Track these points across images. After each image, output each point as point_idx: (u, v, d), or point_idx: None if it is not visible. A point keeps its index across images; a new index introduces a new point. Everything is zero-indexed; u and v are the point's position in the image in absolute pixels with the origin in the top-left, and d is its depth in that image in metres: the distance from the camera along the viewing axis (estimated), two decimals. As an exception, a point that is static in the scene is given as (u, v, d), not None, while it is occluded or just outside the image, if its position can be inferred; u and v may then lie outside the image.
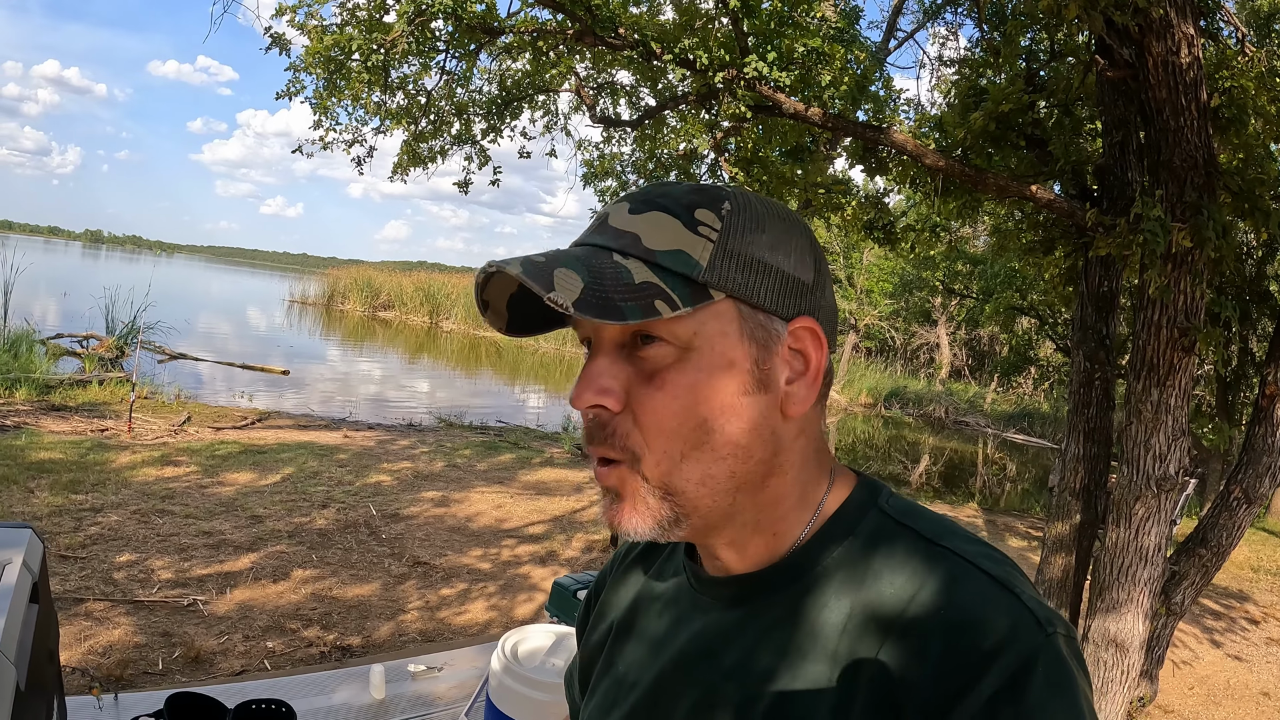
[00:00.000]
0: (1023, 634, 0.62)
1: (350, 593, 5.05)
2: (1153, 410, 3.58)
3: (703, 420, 0.69)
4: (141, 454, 7.55)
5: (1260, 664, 6.36)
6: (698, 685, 0.75)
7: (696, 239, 0.70)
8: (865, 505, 0.76)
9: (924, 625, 0.64)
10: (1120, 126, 4.15)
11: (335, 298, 35.77)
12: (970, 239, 15.36)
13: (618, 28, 4.07)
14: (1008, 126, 4.13)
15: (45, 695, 1.59)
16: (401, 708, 2.26)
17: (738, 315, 0.71)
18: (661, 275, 0.68)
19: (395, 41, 4.36)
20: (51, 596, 1.76)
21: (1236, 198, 3.45)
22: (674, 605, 0.84)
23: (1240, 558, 9.58)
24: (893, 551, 0.71)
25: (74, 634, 4.00)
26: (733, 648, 0.75)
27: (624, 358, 0.71)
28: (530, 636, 1.91)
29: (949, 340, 28.88)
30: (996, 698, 0.60)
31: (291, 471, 7.67)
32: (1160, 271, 3.22)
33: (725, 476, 0.71)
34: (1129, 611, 3.81)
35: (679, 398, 0.69)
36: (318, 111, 5.00)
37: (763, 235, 0.72)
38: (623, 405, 0.70)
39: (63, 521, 5.48)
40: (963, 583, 0.66)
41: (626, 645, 0.87)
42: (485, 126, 5.69)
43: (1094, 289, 4.28)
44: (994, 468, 17.15)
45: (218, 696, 2.06)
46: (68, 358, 12.94)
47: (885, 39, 9.36)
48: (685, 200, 0.72)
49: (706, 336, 0.70)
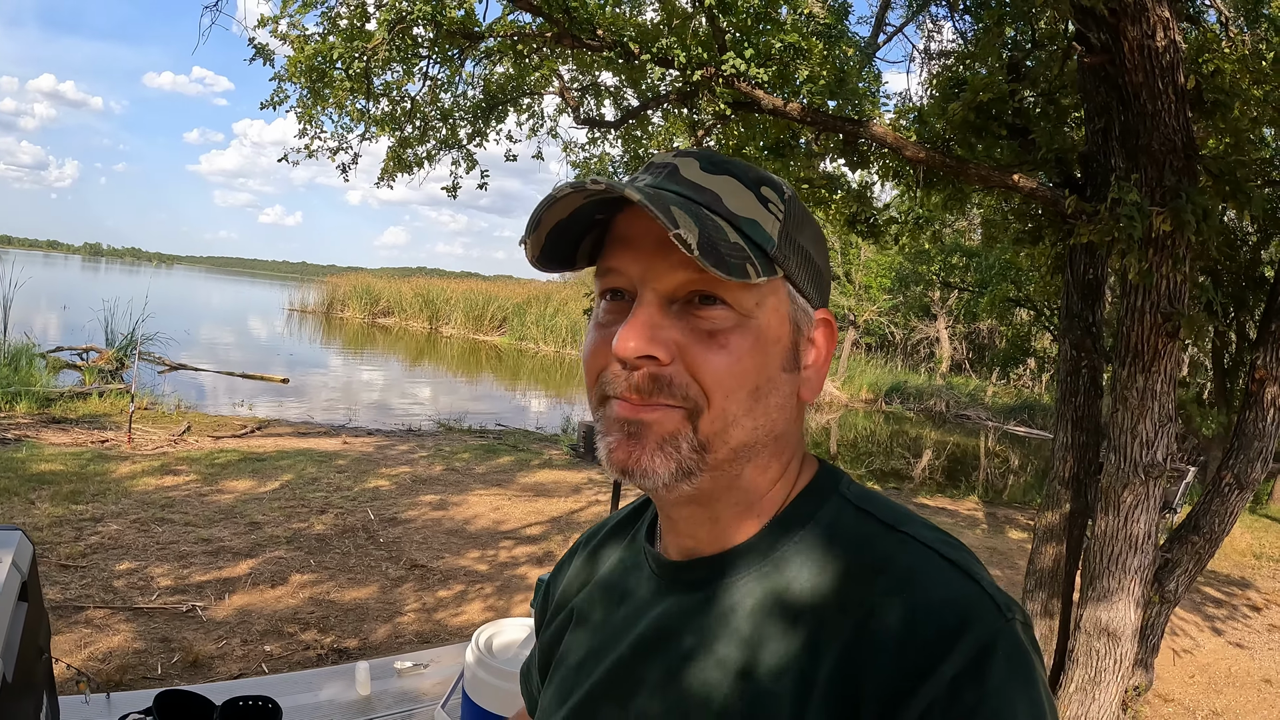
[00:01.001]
0: (984, 618, 0.63)
1: (348, 596, 5.07)
2: (1139, 397, 3.58)
3: (756, 386, 0.71)
4: (141, 464, 7.58)
5: (1262, 651, 6.34)
6: (657, 669, 0.75)
7: (768, 214, 0.72)
8: (826, 491, 0.77)
9: (885, 608, 0.65)
10: (1102, 113, 4.15)
11: (335, 305, 35.81)
12: (966, 232, 15.37)
13: (596, 29, 4.10)
14: (988, 116, 4.15)
15: (34, 691, 1.62)
16: (386, 704, 2.28)
17: (788, 295, 0.74)
18: (744, 240, 0.69)
19: (376, 49, 4.38)
20: (42, 596, 1.78)
21: (1218, 181, 3.47)
22: (633, 591, 0.84)
23: (1242, 545, 9.58)
24: (853, 536, 0.72)
25: (74, 641, 4.03)
26: (693, 631, 0.75)
27: (675, 314, 0.71)
28: (504, 630, 1.93)
29: (948, 334, 28.87)
30: (959, 679, 0.60)
31: (290, 478, 7.69)
32: (1140, 256, 3.23)
33: (752, 444, 0.73)
34: (1120, 600, 3.80)
35: (741, 359, 0.70)
36: (302, 120, 5.04)
37: (808, 228, 0.76)
38: (672, 359, 0.70)
39: (63, 531, 5.51)
40: (923, 568, 0.67)
41: (582, 632, 0.87)
42: (471, 131, 5.73)
43: (1080, 277, 4.29)
44: (996, 460, 17.14)
45: (206, 695, 2.09)
46: (68, 370, 12.99)
47: (874, 34, 9.35)
48: (751, 175, 0.74)
49: (765, 309, 0.71)
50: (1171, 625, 6.54)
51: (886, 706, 0.61)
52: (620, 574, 0.87)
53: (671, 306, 0.71)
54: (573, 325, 27.73)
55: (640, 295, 0.71)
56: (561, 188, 0.68)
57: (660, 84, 4.72)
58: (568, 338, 28.10)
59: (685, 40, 4.17)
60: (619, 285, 0.73)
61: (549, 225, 0.72)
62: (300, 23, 4.64)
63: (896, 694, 0.61)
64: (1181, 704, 5.15)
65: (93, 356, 13.77)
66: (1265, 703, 5.37)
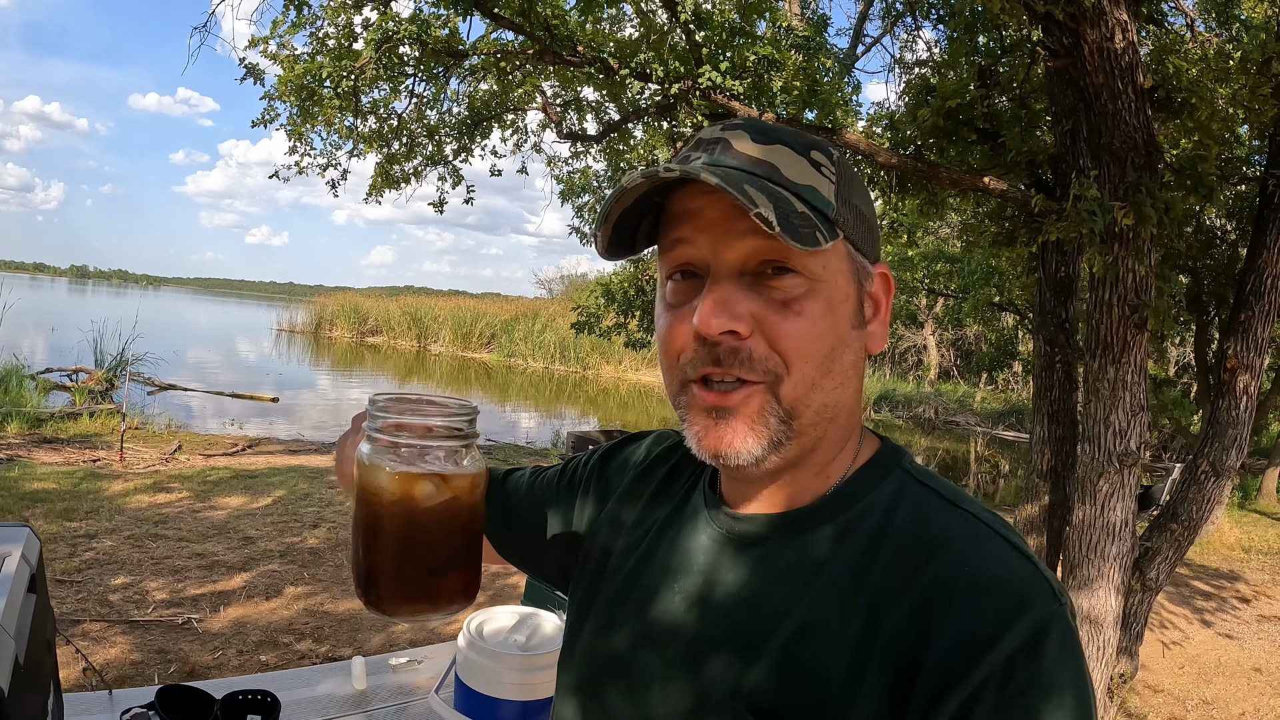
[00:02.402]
0: (1041, 600, 0.65)
1: (342, 607, 5.12)
2: (1110, 387, 3.68)
3: (831, 348, 0.73)
4: (134, 482, 7.61)
5: (1252, 640, 6.39)
6: (715, 621, 0.77)
7: (823, 179, 0.73)
8: (891, 463, 0.79)
9: (948, 580, 0.67)
10: (1069, 115, 4.27)
11: (323, 325, 35.73)
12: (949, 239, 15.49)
13: (576, 46, 4.20)
14: (958, 121, 4.26)
15: (43, 680, 1.68)
16: (382, 696, 2.34)
17: (848, 254, 0.75)
18: (808, 208, 0.70)
19: (364, 68, 4.48)
20: (48, 593, 1.85)
21: (1179, 176, 3.58)
22: (693, 539, 0.84)
23: (1231, 539, 9.64)
24: (917, 508, 0.74)
25: (72, 653, 4.06)
26: (755, 583, 0.76)
27: (747, 285, 0.72)
28: (495, 616, 2.00)
29: (935, 341, 29.02)
30: (1015, 656, 0.62)
31: (283, 494, 7.73)
32: (1103, 250, 3.34)
33: (833, 405, 0.75)
34: (1100, 587, 3.88)
35: (817, 324, 0.71)
36: (292, 138, 5.13)
37: (857, 184, 0.78)
38: (751, 331, 0.71)
39: (58, 548, 5.54)
40: (986, 545, 0.69)
41: (644, 574, 0.85)
42: (456, 147, 5.82)
43: (1052, 274, 4.41)
44: (986, 465, 17.23)
45: (207, 690, 2.15)
46: (58, 391, 12.97)
47: (853, 45, 9.50)
48: (800, 140, 0.75)
49: (831, 271, 0.73)
50: (1161, 618, 6.62)
51: (944, 677, 0.63)
52: (681, 519, 0.87)
53: (743, 278, 0.72)
54: (561, 341, 27.71)
55: (714, 270, 0.72)
56: (632, 177, 0.69)
57: (640, 98, 4.82)
58: (556, 354, 28.12)
59: (663, 55, 4.28)
60: (690, 259, 0.74)
61: (615, 216, 0.74)
62: (290, 43, 4.75)
63: (954, 666, 0.63)
64: (1171, 694, 5.20)
65: (82, 377, 13.77)
66: (1255, 691, 5.42)
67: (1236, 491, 12.18)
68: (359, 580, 0.79)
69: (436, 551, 0.78)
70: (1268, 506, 12.15)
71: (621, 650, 0.83)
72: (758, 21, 4.53)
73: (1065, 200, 3.64)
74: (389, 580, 0.78)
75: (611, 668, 0.83)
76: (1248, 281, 4.01)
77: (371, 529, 0.77)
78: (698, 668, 0.75)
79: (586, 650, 0.87)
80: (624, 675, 0.82)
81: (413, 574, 0.78)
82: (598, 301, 8.13)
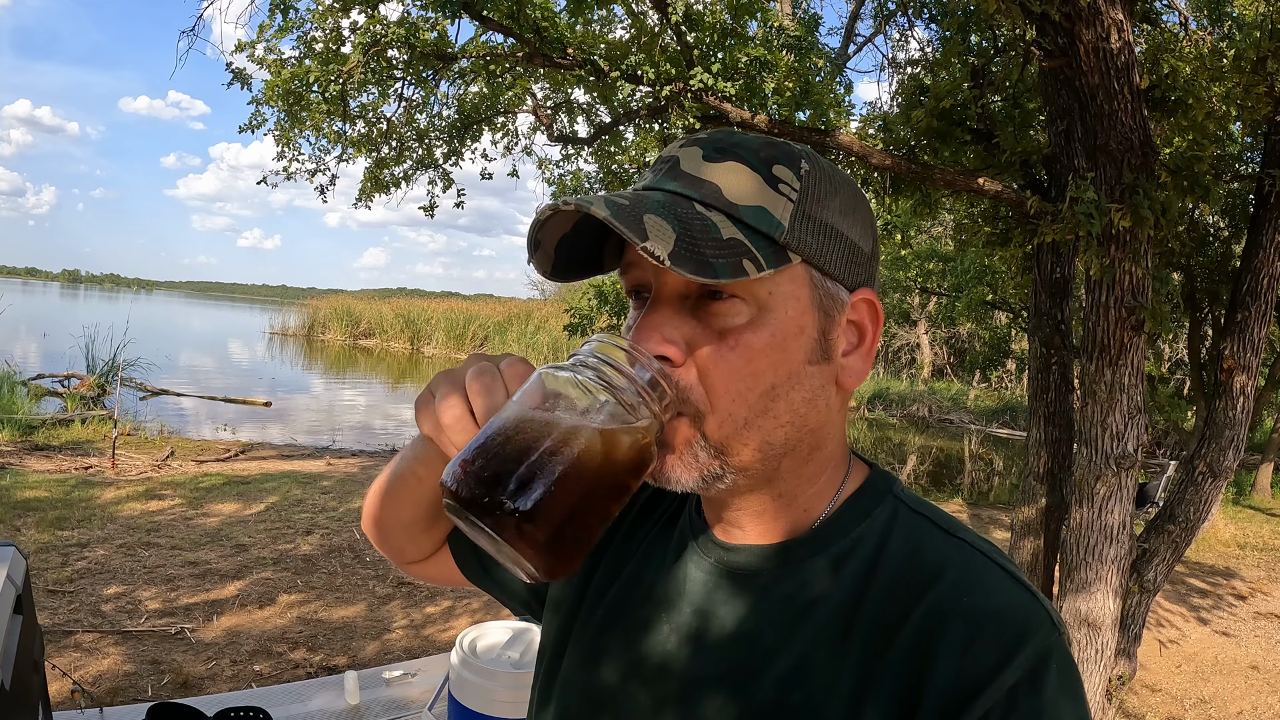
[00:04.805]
0: (1040, 629, 0.64)
1: (336, 614, 5.09)
2: (1106, 390, 3.66)
3: (771, 386, 0.68)
4: (126, 489, 7.57)
5: (1248, 638, 6.38)
6: (708, 656, 0.74)
7: (778, 197, 0.67)
8: (882, 490, 0.77)
9: (946, 611, 0.65)
10: (1064, 116, 4.25)
11: (316, 328, 35.67)
12: (942, 238, 15.52)
13: (566, 48, 4.17)
14: (952, 121, 4.24)
15: (30, 702, 1.65)
16: (375, 711, 2.32)
17: (809, 281, 0.69)
18: (745, 232, 0.65)
19: (352, 72, 4.44)
20: (35, 612, 1.82)
21: (1175, 176, 3.56)
22: (681, 568, 0.80)
23: (1226, 536, 9.65)
24: (911, 537, 0.72)
25: (64, 665, 4.02)
26: (749, 618, 0.74)
27: (687, 310, 0.68)
28: (488, 633, 1.98)
29: (929, 340, 29.04)
30: (1017, 688, 0.61)
31: (276, 500, 7.69)
32: (1100, 253, 3.32)
33: (780, 443, 0.70)
34: (1099, 590, 3.87)
35: (752, 360, 0.67)
36: (280, 143, 5.09)
37: (835, 200, 0.71)
38: (684, 359, 0.67)
39: (50, 557, 5.50)
40: (983, 574, 0.68)
41: (631, 606, 0.82)
42: (446, 150, 5.79)
43: (1047, 276, 4.39)
44: (980, 463, 17.25)
45: (198, 707, 2.12)
46: (49, 398, 12.93)
47: (844, 44, 9.50)
48: (762, 154, 0.69)
49: (781, 299, 0.68)
50: (1158, 617, 6.61)
51: (945, 710, 0.62)
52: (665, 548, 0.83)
53: (685, 302, 0.68)
54: (554, 342, 27.72)
55: (655, 293, 0.69)
56: (542, 209, 0.66)
57: (631, 100, 4.79)
58: (549, 355, 28.11)
59: (654, 57, 4.25)
60: (639, 281, 0.71)
61: (552, 242, 0.70)
62: (277, 47, 4.71)
63: (956, 699, 0.62)
64: (1169, 693, 5.19)
65: (74, 383, 13.71)
66: (1252, 689, 5.41)
67: (1230, 488, 12.19)
68: (498, 480, 0.60)
69: (607, 516, 0.65)
70: (1262, 502, 12.16)
71: (609, 684, 0.79)
72: (749, 22, 4.51)
73: (1061, 201, 3.62)
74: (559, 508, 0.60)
75: (597, 702, 0.80)
76: (1244, 281, 3.99)
77: (577, 462, 0.61)
78: (689, 706, 0.73)
79: (567, 682, 0.83)
80: (611, 711, 0.78)
81: (581, 519, 0.63)
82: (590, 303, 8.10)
